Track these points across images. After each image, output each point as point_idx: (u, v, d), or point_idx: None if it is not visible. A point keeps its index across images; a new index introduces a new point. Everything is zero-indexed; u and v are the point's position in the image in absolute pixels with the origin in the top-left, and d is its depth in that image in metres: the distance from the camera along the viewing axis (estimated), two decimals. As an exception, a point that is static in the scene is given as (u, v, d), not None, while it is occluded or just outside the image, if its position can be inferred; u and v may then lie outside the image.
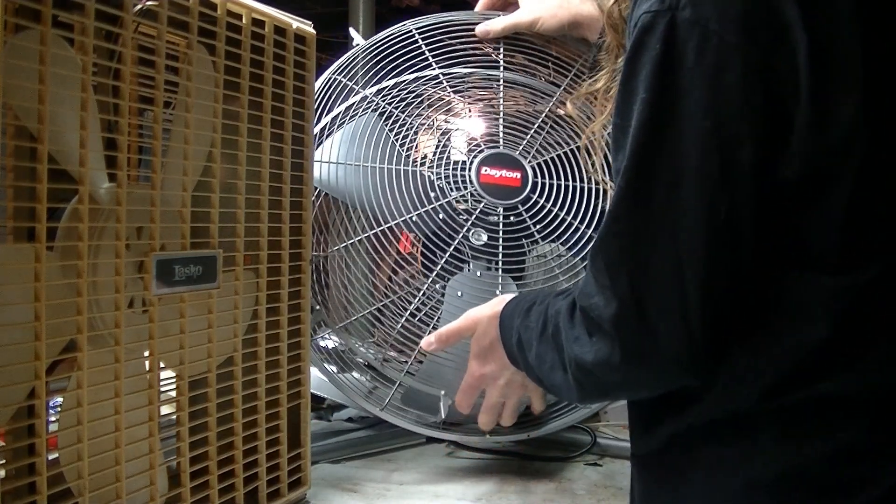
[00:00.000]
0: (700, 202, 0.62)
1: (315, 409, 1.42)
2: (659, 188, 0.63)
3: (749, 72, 0.60)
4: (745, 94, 0.60)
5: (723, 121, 0.60)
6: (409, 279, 1.33)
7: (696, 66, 0.61)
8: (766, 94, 0.60)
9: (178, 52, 0.85)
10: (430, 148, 1.31)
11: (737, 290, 0.65)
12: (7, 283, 0.69)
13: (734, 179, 0.62)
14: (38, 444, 0.72)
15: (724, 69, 0.60)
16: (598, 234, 0.68)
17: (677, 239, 0.63)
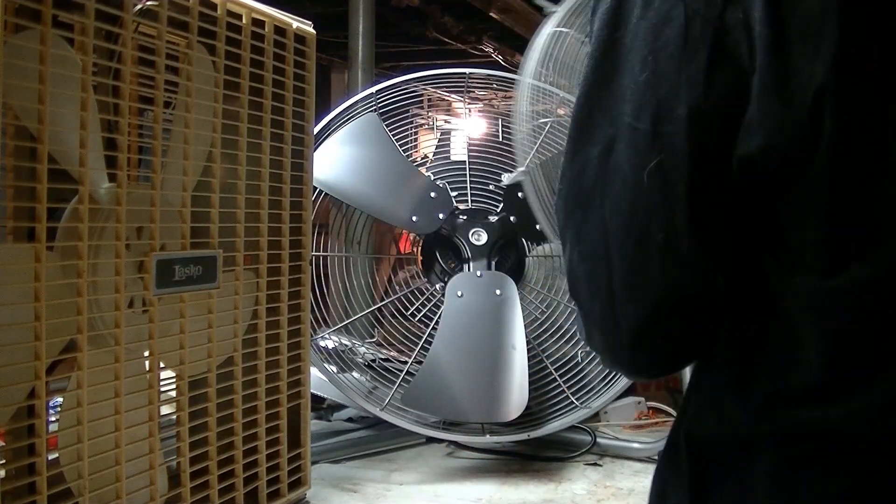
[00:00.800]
0: (629, 164, 0.54)
1: (315, 409, 1.42)
2: (593, 149, 0.56)
3: (692, 24, 0.53)
4: (688, 50, 0.53)
5: (660, 77, 0.54)
6: (409, 279, 1.33)
7: (640, 20, 0.55)
8: (714, 50, 0.53)
9: (178, 52, 0.84)
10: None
11: (697, 286, 0.54)
12: (7, 283, 0.69)
13: (667, 140, 0.53)
14: (38, 444, 0.72)
15: (665, 21, 0.54)
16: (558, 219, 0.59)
17: (604, 208, 0.55)
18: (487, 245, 1.28)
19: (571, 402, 1.27)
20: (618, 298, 0.54)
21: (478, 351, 1.21)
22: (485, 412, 1.20)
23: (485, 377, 1.20)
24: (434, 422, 1.24)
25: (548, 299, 1.34)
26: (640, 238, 0.53)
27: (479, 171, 1.34)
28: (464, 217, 1.30)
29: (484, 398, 1.20)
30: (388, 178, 1.28)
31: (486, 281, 1.25)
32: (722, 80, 0.52)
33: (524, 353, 1.21)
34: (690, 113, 0.52)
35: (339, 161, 1.25)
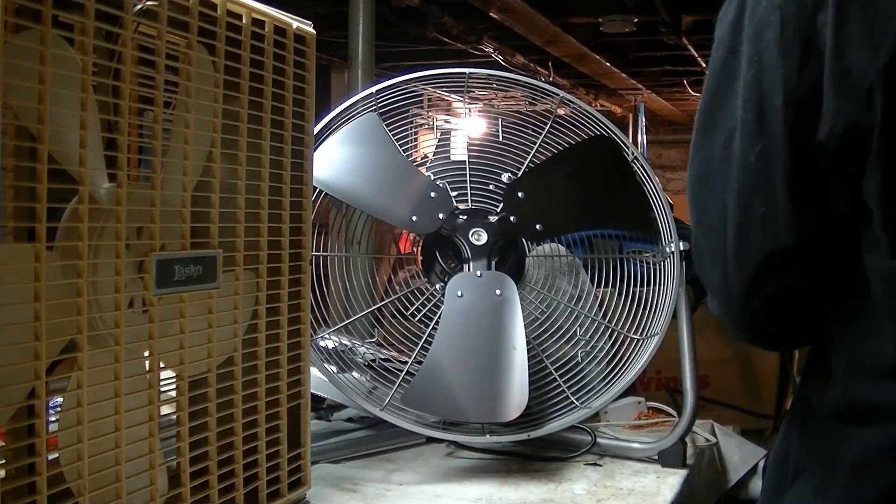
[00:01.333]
0: (741, 150, 0.66)
1: (315, 409, 1.42)
2: (717, 139, 0.68)
3: (786, 28, 0.64)
4: (783, 50, 0.64)
5: (763, 73, 0.65)
6: (409, 279, 1.33)
7: (748, 27, 0.66)
8: (804, 50, 0.64)
9: (178, 52, 0.85)
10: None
11: (793, 248, 0.65)
12: (7, 283, 0.69)
13: (768, 127, 0.64)
14: (38, 444, 0.72)
15: (766, 26, 0.65)
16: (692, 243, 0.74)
17: (726, 189, 0.67)
18: (487, 245, 1.28)
19: (571, 402, 1.27)
20: (729, 265, 0.66)
21: (478, 351, 1.21)
22: (485, 412, 1.20)
23: (485, 377, 1.20)
24: (434, 422, 1.24)
25: (548, 299, 1.34)
26: (747, 211, 0.65)
27: (479, 171, 1.34)
28: (464, 217, 1.30)
29: (484, 398, 1.20)
30: (388, 178, 1.28)
31: (486, 281, 1.25)
32: (811, 75, 0.63)
33: (524, 353, 1.21)
34: (786, 103, 0.63)
35: (339, 161, 1.25)
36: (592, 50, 6.15)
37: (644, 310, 1.32)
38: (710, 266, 0.69)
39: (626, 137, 1.39)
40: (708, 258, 0.70)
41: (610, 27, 5.39)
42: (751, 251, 0.66)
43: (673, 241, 1.32)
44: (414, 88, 1.34)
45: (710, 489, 1.36)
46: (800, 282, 0.67)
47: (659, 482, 1.19)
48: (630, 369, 1.29)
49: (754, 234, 0.66)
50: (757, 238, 0.66)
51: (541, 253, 1.38)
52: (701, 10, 5.37)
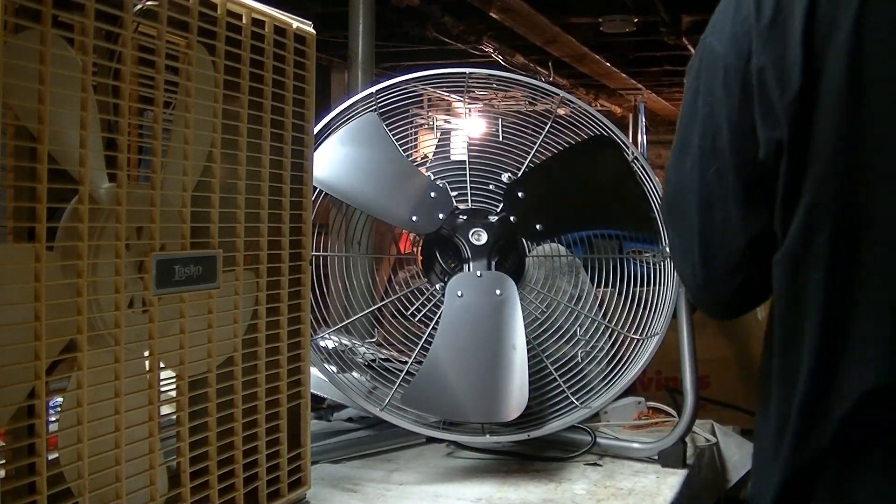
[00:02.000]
0: (700, 171, 0.84)
1: (315, 409, 1.42)
2: (685, 163, 0.86)
3: (728, 73, 0.82)
4: (726, 91, 0.82)
5: (713, 110, 0.82)
6: (409, 279, 1.33)
7: (703, 72, 0.85)
8: (742, 91, 0.80)
9: (178, 52, 0.85)
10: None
11: (744, 246, 0.83)
12: (7, 283, 0.69)
13: (719, 154, 0.82)
14: (38, 444, 0.72)
15: (714, 73, 0.83)
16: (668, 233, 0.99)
17: (692, 202, 0.85)
18: (487, 245, 1.28)
19: (571, 402, 1.27)
20: (696, 262, 0.85)
21: (478, 351, 1.21)
22: (485, 412, 1.20)
23: (485, 377, 1.20)
24: (434, 422, 1.24)
25: (548, 299, 1.34)
26: (708, 219, 0.83)
27: (479, 171, 1.34)
28: (464, 217, 1.30)
29: (484, 398, 1.20)
30: (388, 177, 1.28)
31: (486, 281, 1.25)
32: (748, 109, 0.80)
33: (524, 353, 1.21)
34: (731, 132, 0.81)
35: (339, 161, 1.25)
36: (592, 50, 6.15)
37: (644, 310, 1.32)
38: (682, 262, 0.89)
39: (626, 137, 1.39)
40: (680, 256, 0.90)
41: (610, 27, 5.39)
42: (712, 251, 0.85)
43: (673, 241, 1.32)
44: (414, 88, 1.34)
45: (710, 489, 1.36)
46: (753, 272, 0.84)
47: (659, 482, 1.19)
48: (630, 369, 1.29)
49: (715, 238, 0.84)
50: (717, 240, 0.84)
51: (541, 253, 1.38)
52: (701, 10, 5.37)
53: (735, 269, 0.84)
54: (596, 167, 1.36)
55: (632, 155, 1.36)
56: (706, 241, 0.84)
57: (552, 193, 1.33)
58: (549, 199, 1.32)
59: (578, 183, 1.35)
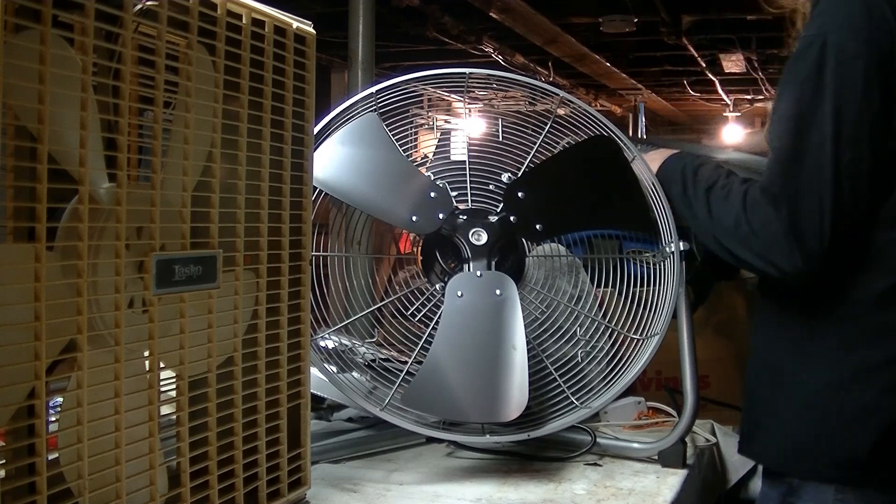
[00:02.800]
0: (832, 149, 1.03)
1: (315, 409, 1.42)
2: (811, 152, 1.05)
3: (869, 68, 1.01)
4: (866, 85, 1.02)
5: (849, 103, 1.02)
6: (409, 279, 1.33)
7: (836, 67, 1.02)
8: (883, 86, 1.02)
9: (178, 52, 0.85)
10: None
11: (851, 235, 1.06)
12: (7, 283, 0.69)
13: (857, 142, 1.03)
14: (38, 444, 0.72)
15: (853, 68, 1.02)
16: (767, 185, 1.09)
17: (819, 180, 1.04)
18: (487, 245, 1.28)
19: (571, 402, 1.27)
20: (825, 220, 1.04)
21: (478, 351, 1.21)
22: (485, 412, 1.20)
23: (485, 377, 1.20)
24: (434, 422, 1.24)
25: (548, 299, 1.34)
26: (840, 189, 1.03)
27: (479, 171, 1.34)
28: (464, 217, 1.30)
29: (484, 398, 1.20)
30: (388, 177, 1.28)
31: (486, 281, 1.25)
32: (887, 103, 1.02)
33: (524, 353, 1.21)
34: (870, 122, 1.02)
35: (339, 161, 1.25)
36: (592, 50, 6.16)
37: (644, 310, 1.32)
38: (807, 216, 1.05)
39: (627, 137, 1.39)
40: (805, 209, 1.05)
41: (610, 27, 5.39)
42: (838, 217, 1.04)
43: (673, 241, 1.32)
44: (414, 88, 1.34)
45: (710, 489, 1.36)
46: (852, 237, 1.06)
47: (659, 482, 1.19)
48: (630, 369, 1.29)
49: (844, 207, 1.04)
50: (845, 209, 1.04)
51: (541, 253, 1.38)
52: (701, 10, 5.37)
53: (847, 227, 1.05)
54: (596, 167, 1.36)
55: (632, 155, 1.36)
56: (837, 207, 1.03)
57: (552, 193, 1.33)
58: (549, 199, 1.32)
59: (578, 183, 1.35)
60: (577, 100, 1.40)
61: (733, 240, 1.14)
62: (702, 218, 1.20)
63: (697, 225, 1.23)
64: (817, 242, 1.04)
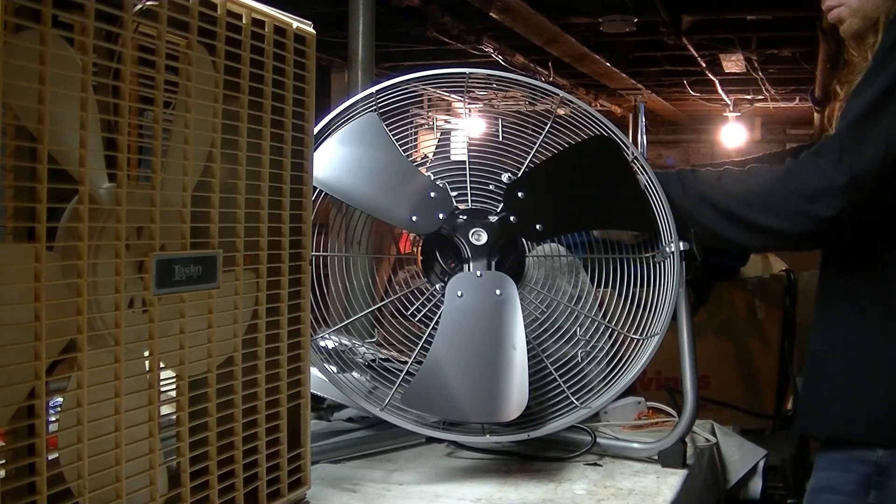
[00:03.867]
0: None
1: (315, 409, 1.42)
2: (886, 115, 1.15)
3: None
4: None
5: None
6: (409, 279, 1.33)
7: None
8: None
9: (178, 52, 0.85)
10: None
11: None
12: (7, 283, 0.69)
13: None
14: (38, 444, 0.72)
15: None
16: (837, 134, 1.20)
17: (888, 140, 1.15)
18: (487, 245, 1.28)
19: (571, 402, 1.27)
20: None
21: (478, 351, 1.21)
22: (485, 412, 1.20)
23: (485, 377, 1.20)
24: (434, 422, 1.24)
25: (548, 299, 1.34)
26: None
27: (479, 171, 1.34)
28: (464, 217, 1.30)
29: (484, 398, 1.20)
30: (388, 178, 1.28)
31: (486, 281, 1.25)
32: None
33: (524, 353, 1.21)
34: None
35: (339, 161, 1.25)
36: (592, 50, 6.15)
37: (644, 310, 1.32)
38: (863, 181, 1.16)
39: (626, 137, 1.39)
40: (861, 178, 1.16)
41: (610, 27, 5.39)
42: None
43: (673, 241, 1.32)
44: (414, 88, 1.34)
45: (710, 489, 1.36)
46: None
47: (659, 482, 1.19)
48: (630, 369, 1.29)
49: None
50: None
51: (541, 253, 1.38)
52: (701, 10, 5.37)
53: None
54: (596, 167, 1.36)
55: (632, 155, 1.36)
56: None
57: (552, 193, 1.33)
58: (549, 199, 1.32)
59: (578, 183, 1.35)
60: (577, 100, 1.40)
61: (757, 208, 1.23)
62: (715, 202, 1.28)
63: (703, 215, 1.29)
64: (869, 188, 1.15)
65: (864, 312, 1.24)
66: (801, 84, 7.72)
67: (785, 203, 1.21)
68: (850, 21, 1.33)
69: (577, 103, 1.39)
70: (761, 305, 1.73)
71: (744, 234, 1.27)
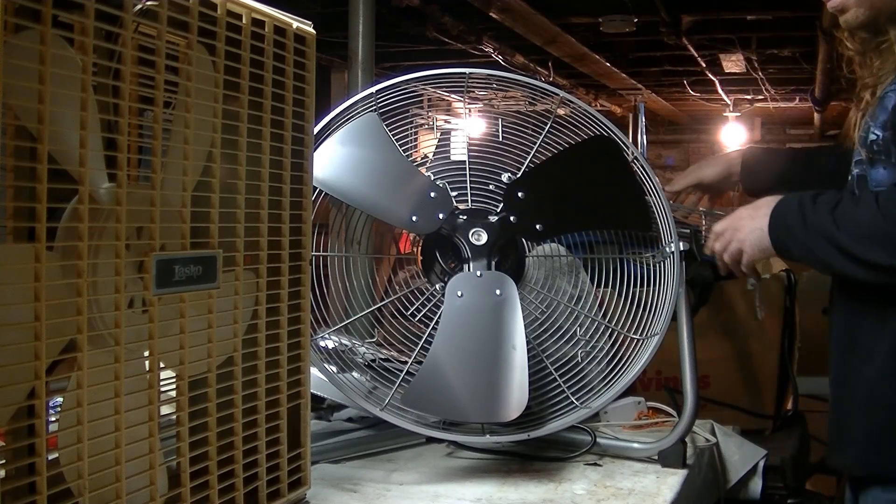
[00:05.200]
0: None
1: (315, 409, 1.42)
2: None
3: None
4: None
5: None
6: (409, 279, 1.33)
7: None
8: None
9: (178, 52, 0.85)
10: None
11: None
12: (7, 283, 0.69)
13: None
14: (38, 444, 0.72)
15: None
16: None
17: None
18: (487, 245, 1.28)
19: (571, 402, 1.27)
20: None
21: (478, 351, 1.21)
22: (485, 412, 1.20)
23: (485, 377, 1.20)
24: (434, 422, 1.24)
25: (548, 299, 1.34)
26: None
27: (479, 171, 1.34)
28: (464, 217, 1.30)
29: (484, 398, 1.20)
30: (388, 177, 1.28)
31: (486, 281, 1.25)
32: None
33: (524, 353, 1.21)
34: None
35: (339, 161, 1.25)
36: (592, 50, 6.15)
37: (644, 310, 1.32)
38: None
39: (626, 137, 1.39)
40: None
41: (610, 27, 5.39)
42: None
43: (673, 242, 1.32)
44: (414, 88, 1.34)
45: (710, 489, 1.36)
46: None
47: (659, 482, 1.19)
48: (630, 369, 1.29)
49: None
50: None
51: (541, 253, 1.38)
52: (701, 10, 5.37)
53: None
54: (596, 167, 1.36)
55: (632, 155, 1.36)
56: None
57: (552, 193, 1.33)
58: (549, 199, 1.32)
59: (578, 183, 1.35)
60: (577, 100, 1.40)
61: (866, 242, 1.15)
62: (827, 236, 1.18)
63: (822, 250, 1.20)
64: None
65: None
66: (801, 84, 7.72)
67: (888, 238, 1.13)
68: (854, 11, 1.24)
69: (577, 103, 1.39)
70: (761, 305, 1.73)
71: (860, 271, 1.17)
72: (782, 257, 1.35)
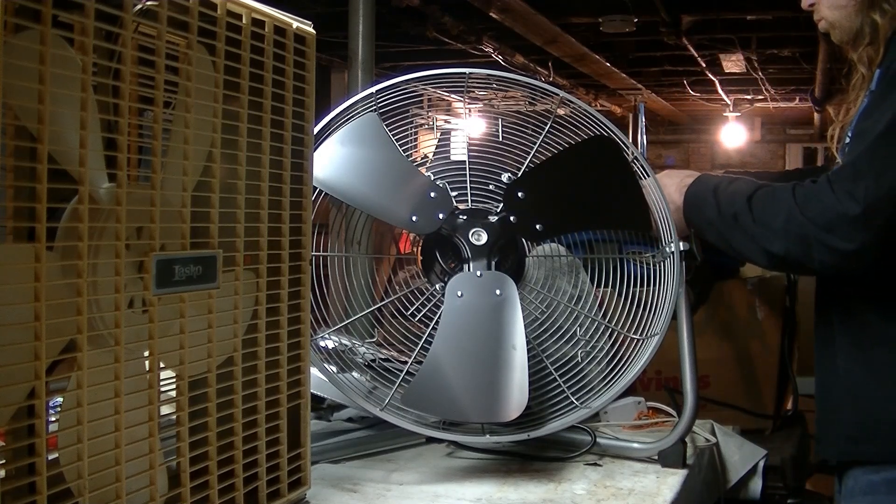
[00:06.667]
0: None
1: (315, 409, 1.42)
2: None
3: None
4: None
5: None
6: (409, 279, 1.33)
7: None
8: None
9: (178, 52, 0.85)
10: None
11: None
12: (7, 283, 0.69)
13: None
14: (38, 444, 0.72)
15: None
16: (851, 161, 1.17)
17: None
18: (487, 245, 1.28)
19: (571, 402, 1.27)
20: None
21: (478, 351, 1.21)
22: (485, 412, 1.20)
23: (485, 377, 1.20)
24: (434, 422, 1.24)
25: (548, 299, 1.34)
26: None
27: (479, 171, 1.34)
28: (464, 217, 1.30)
29: (484, 398, 1.20)
30: (388, 177, 1.28)
31: (486, 281, 1.25)
32: None
33: (524, 353, 1.21)
34: None
35: (339, 161, 1.25)
36: (592, 50, 6.16)
37: (644, 310, 1.32)
38: (875, 217, 1.12)
39: (626, 137, 1.39)
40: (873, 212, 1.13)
41: (610, 27, 5.40)
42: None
43: (673, 242, 1.32)
44: (414, 88, 1.34)
45: (710, 489, 1.36)
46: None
47: (659, 482, 1.19)
48: (630, 369, 1.29)
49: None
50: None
51: (541, 253, 1.38)
52: (701, 10, 5.37)
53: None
54: (596, 167, 1.36)
55: (632, 155, 1.36)
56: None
57: (552, 193, 1.33)
58: (549, 199, 1.32)
59: (578, 183, 1.35)
60: (577, 100, 1.40)
61: (782, 237, 1.20)
62: (745, 229, 1.24)
63: (737, 240, 1.27)
64: (886, 217, 1.11)
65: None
66: (801, 84, 7.73)
67: (805, 231, 1.17)
68: (832, 32, 1.31)
69: (577, 103, 1.39)
70: (761, 305, 1.73)
71: (773, 263, 1.26)
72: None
